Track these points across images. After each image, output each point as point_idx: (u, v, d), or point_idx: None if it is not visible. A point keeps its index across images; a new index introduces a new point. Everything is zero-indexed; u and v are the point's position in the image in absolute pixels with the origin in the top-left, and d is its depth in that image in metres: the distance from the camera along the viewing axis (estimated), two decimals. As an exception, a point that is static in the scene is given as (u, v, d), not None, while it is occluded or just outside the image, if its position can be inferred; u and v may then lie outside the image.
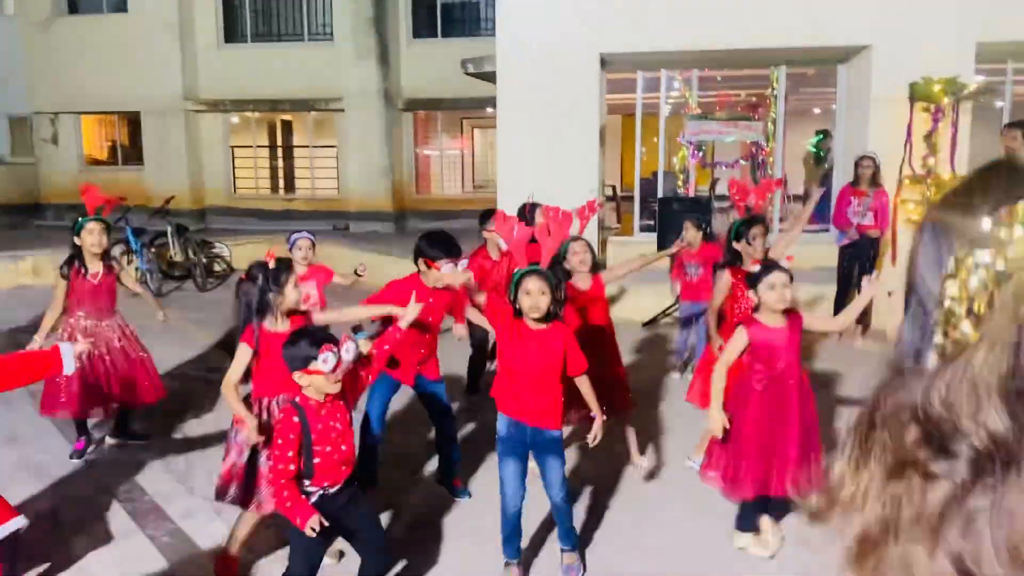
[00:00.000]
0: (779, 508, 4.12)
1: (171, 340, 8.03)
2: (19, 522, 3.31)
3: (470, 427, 5.89)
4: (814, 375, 5.13)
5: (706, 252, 6.55)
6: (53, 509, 4.59)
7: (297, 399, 3.12)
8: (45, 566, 3.97)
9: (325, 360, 2.99)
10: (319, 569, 3.31)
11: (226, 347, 7.57)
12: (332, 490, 3.17)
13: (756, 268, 3.88)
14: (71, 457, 5.27)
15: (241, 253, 12.58)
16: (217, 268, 12.28)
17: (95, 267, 5.17)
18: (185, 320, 9.33)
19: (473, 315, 5.52)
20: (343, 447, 3.16)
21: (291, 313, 3.75)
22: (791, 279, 3.85)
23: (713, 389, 3.87)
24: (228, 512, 4.50)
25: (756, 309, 3.91)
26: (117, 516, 4.51)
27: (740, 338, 3.86)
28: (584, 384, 3.75)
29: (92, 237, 5.09)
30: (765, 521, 4.06)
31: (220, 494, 3.83)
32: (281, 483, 3.02)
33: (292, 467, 3.03)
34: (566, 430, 4.20)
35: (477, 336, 6.24)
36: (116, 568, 3.95)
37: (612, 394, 4.46)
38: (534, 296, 3.48)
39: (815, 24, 8.79)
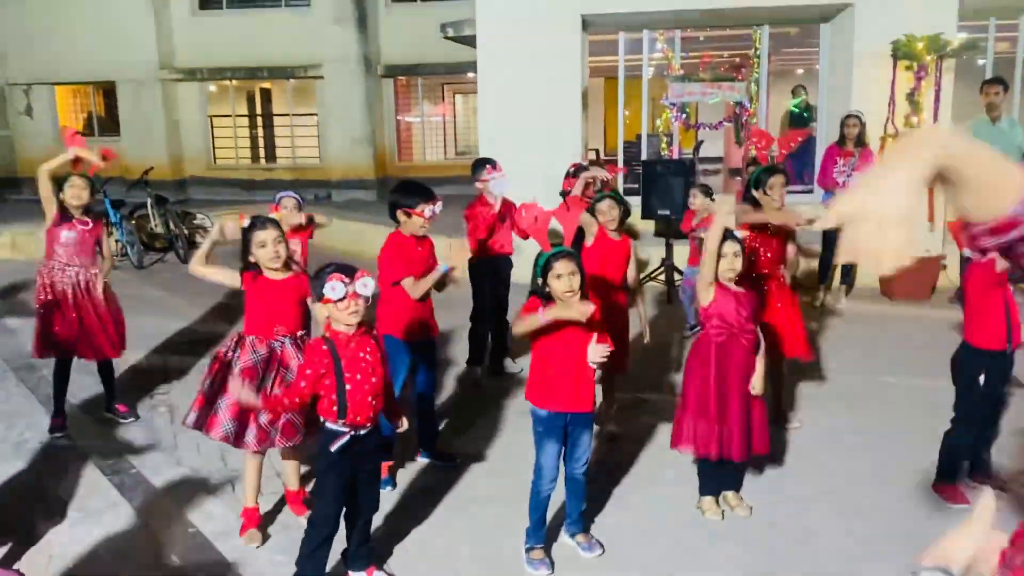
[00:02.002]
0: (734, 479, 4.20)
1: (155, 311, 7.98)
2: None
3: (463, 394, 5.89)
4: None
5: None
6: (38, 484, 4.56)
7: (327, 333, 3.27)
8: (32, 542, 3.95)
9: (333, 288, 3.11)
10: (343, 504, 3.39)
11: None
12: (362, 431, 3.26)
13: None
14: (50, 432, 5.24)
15: (223, 224, 12.46)
16: (199, 239, 12.14)
17: (81, 218, 5.22)
18: (168, 292, 9.27)
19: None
20: (373, 379, 3.27)
21: (287, 266, 3.92)
22: (743, 249, 3.91)
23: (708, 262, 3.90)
24: (216, 483, 4.52)
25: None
26: (104, 489, 4.48)
27: (708, 291, 3.92)
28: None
29: (72, 191, 5.17)
30: (730, 495, 4.18)
31: (185, 418, 3.96)
32: (283, 401, 3.28)
33: (300, 397, 3.24)
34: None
35: (479, 300, 6.15)
36: (105, 541, 3.93)
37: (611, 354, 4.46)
38: (566, 279, 3.47)
39: (798, -18, 8.72)
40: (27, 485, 4.55)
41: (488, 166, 5.95)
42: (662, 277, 8.62)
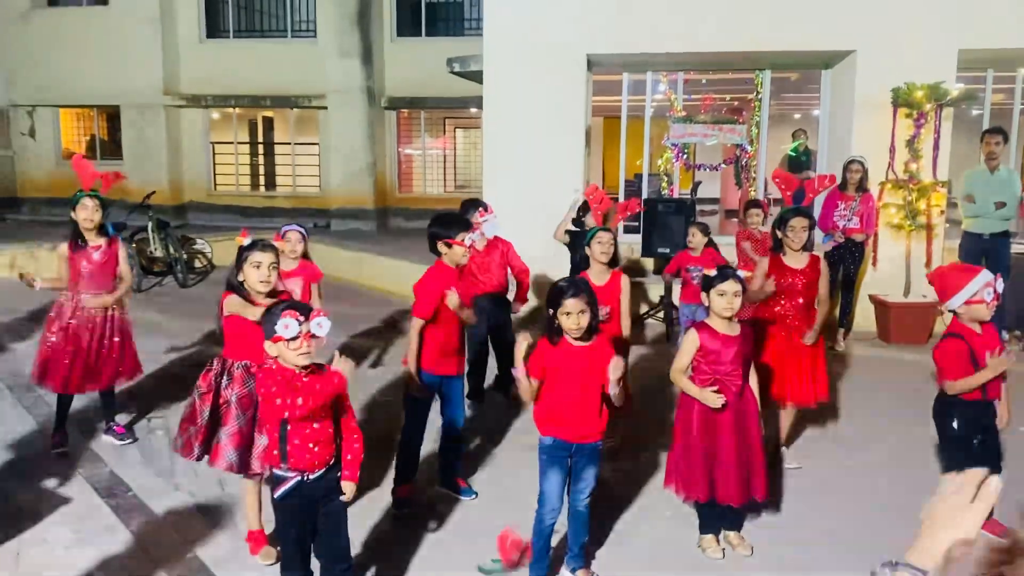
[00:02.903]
0: (735, 518, 4.18)
1: (153, 335, 7.95)
2: None
3: (465, 427, 5.86)
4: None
5: (709, 256, 6.60)
6: (34, 506, 4.51)
7: (274, 366, 3.11)
8: (25, 562, 3.91)
9: (286, 326, 2.99)
10: (307, 548, 3.27)
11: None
12: (311, 477, 3.12)
13: (712, 272, 3.92)
14: (52, 449, 5.20)
15: (222, 249, 12.48)
16: (198, 264, 12.16)
17: (95, 242, 5.13)
18: (166, 316, 9.24)
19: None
20: (315, 424, 3.10)
21: (272, 294, 3.85)
22: (744, 289, 3.91)
23: (684, 387, 3.94)
24: (212, 509, 4.48)
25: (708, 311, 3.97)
26: (100, 512, 4.45)
27: (691, 340, 3.92)
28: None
29: (84, 212, 5.05)
30: (731, 535, 4.16)
31: (186, 451, 3.97)
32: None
33: (285, 411, 3.01)
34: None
35: (478, 338, 6.14)
36: (101, 565, 3.89)
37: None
38: (574, 316, 3.47)
39: (801, 29, 8.84)
40: (21, 507, 4.51)
41: (480, 208, 5.98)
42: (661, 315, 8.64)
